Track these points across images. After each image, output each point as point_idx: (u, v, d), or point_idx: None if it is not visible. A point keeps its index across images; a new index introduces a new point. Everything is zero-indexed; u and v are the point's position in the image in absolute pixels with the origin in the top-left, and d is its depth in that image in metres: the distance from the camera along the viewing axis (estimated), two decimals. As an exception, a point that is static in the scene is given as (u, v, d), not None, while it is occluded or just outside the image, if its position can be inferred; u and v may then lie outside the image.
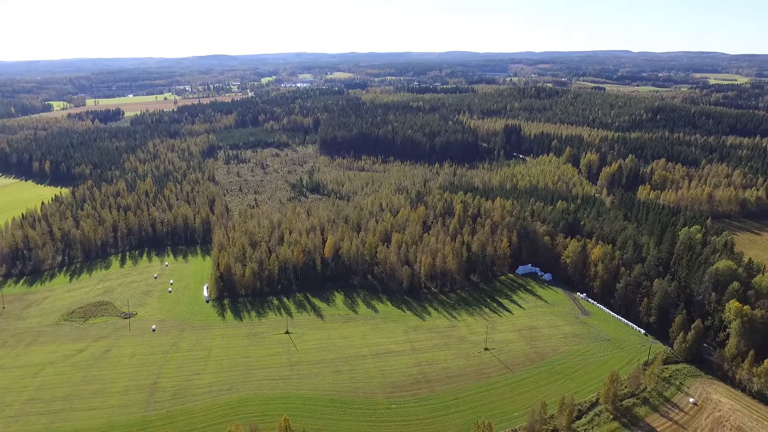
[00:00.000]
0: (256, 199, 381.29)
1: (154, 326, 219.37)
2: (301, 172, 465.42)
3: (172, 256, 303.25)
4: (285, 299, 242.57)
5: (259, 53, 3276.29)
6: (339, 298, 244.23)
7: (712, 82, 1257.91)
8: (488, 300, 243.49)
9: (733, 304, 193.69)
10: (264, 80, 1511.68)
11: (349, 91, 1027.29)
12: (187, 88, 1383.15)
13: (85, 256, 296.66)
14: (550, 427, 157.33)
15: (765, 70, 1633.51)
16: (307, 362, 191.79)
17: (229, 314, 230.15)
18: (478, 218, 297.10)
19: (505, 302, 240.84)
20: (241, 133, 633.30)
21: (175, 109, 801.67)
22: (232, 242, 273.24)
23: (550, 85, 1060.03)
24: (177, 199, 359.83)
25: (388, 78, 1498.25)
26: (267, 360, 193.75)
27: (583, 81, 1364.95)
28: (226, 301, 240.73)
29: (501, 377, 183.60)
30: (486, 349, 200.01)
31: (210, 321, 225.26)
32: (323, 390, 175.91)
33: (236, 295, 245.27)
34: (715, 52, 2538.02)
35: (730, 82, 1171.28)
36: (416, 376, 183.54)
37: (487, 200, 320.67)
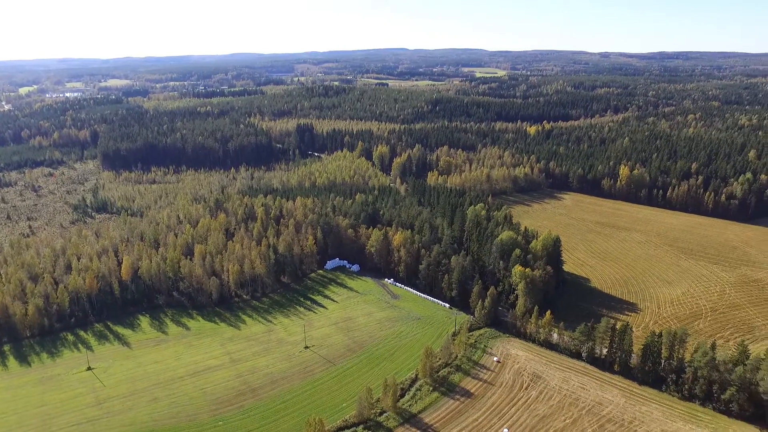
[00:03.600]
0: (30, 227, 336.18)
1: None
2: (83, 191, 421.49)
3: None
4: (82, 333, 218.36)
5: (14, 59, 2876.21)
6: (145, 321, 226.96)
7: (478, 75, 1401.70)
8: (302, 299, 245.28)
9: (517, 269, 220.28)
10: (23, 90, 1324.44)
11: (129, 99, 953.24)
12: None
13: None
14: (378, 410, 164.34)
15: (518, 64, 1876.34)
16: (118, 397, 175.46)
17: (12, 362, 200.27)
18: (282, 219, 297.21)
19: (319, 298, 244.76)
20: (0, 153, 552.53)
21: None
22: (6, 279, 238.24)
23: (336, 83, 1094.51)
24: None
25: (171, 83, 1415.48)
26: (68, 404, 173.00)
27: (368, 78, 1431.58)
28: (6, 348, 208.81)
29: (325, 372, 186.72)
30: (306, 347, 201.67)
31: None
32: (141, 423, 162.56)
33: (19, 338, 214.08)
34: (478, 49, 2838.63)
35: (492, 75, 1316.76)
36: (240, 387, 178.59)
37: (288, 200, 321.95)
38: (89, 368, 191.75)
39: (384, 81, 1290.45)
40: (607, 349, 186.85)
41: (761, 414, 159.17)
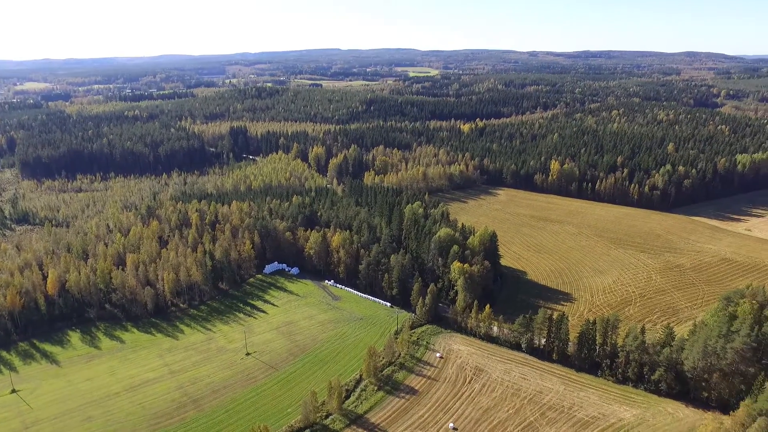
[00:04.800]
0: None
1: None
2: (1, 201, 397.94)
3: None
4: (4, 353, 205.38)
5: None
6: (75, 336, 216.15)
7: (411, 74, 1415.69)
8: (241, 305, 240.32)
9: (456, 265, 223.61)
10: None
11: (49, 103, 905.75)
12: None
13: None
14: (324, 413, 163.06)
15: (450, 63, 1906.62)
16: (47, 419, 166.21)
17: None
18: (217, 224, 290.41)
19: (259, 303, 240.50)
20: None
21: None
22: None
23: (269, 84, 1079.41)
24: None
25: (96, 87, 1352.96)
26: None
27: (301, 79, 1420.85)
28: None
29: (268, 378, 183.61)
30: (248, 354, 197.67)
31: None
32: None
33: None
34: (411, 49, 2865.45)
35: (426, 74, 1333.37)
36: (180, 399, 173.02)
37: (223, 205, 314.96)
38: (13, 391, 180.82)
39: (318, 82, 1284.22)
40: (545, 339, 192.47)
41: (686, 391, 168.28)
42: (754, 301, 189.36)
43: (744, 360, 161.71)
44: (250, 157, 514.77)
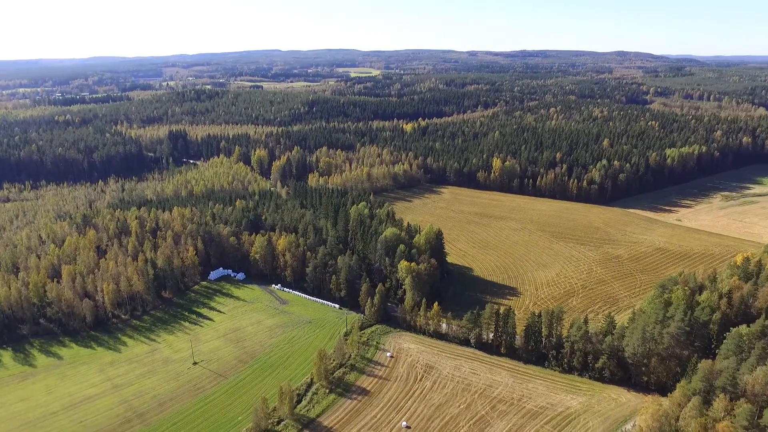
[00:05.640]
0: None
1: None
2: None
3: None
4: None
5: None
6: (7, 355, 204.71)
7: (353, 75, 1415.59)
8: (186, 313, 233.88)
9: (403, 264, 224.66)
10: None
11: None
12: None
13: None
14: (276, 419, 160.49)
15: (391, 64, 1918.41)
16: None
17: None
18: (158, 231, 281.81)
19: (204, 311, 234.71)
20: None
21: None
22: None
23: (209, 86, 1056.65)
24: None
25: (21, 90, 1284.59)
26: None
27: (241, 80, 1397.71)
28: None
29: (216, 387, 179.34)
30: (195, 363, 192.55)
31: None
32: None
33: None
34: (352, 49, 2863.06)
35: (367, 75, 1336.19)
36: (125, 414, 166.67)
37: (164, 211, 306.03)
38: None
39: (258, 83, 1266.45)
40: (493, 334, 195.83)
41: (628, 376, 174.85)
42: (686, 288, 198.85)
43: (679, 344, 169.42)
44: (191, 161, 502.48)
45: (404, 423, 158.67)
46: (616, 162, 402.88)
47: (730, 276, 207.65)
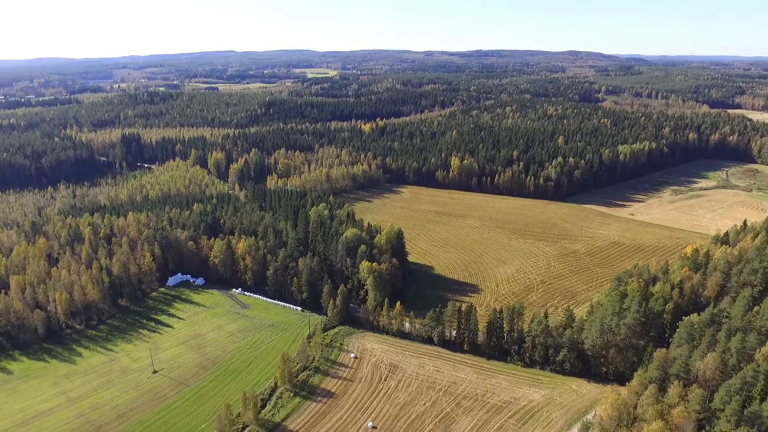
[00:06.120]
0: None
1: None
2: None
3: None
4: None
5: None
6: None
7: (309, 75, 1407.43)
8: (144, 321, 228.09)
9: (364, 265, 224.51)
10: None
11: None
12: None
13: None
14: (240, 426, 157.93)
15: (348, 64, 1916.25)
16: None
17: None
18: (113, 238, 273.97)
19: (163, 318, 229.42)
20: None
21: None
22: None
23: (162, 89, 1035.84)
24: None
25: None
26: None
27: (196, 82, 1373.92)
28: None
29: (178, 395, 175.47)
30: (155, 372, 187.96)
31: None
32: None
33: None
34: (308, 50, 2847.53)
35: (324, 75, 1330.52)
36: (81, 428, 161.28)
37: (119, 217, 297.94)
38: None
39: (214, 85, 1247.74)
40: (455, 331, 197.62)
41: (588, 368, 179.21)
42: (640, 280, 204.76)
43: (635, 334, 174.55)
44: (146, 165, 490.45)
45: (370, 423, 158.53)
46: (571, 159, 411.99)
47: (681, 267, 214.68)
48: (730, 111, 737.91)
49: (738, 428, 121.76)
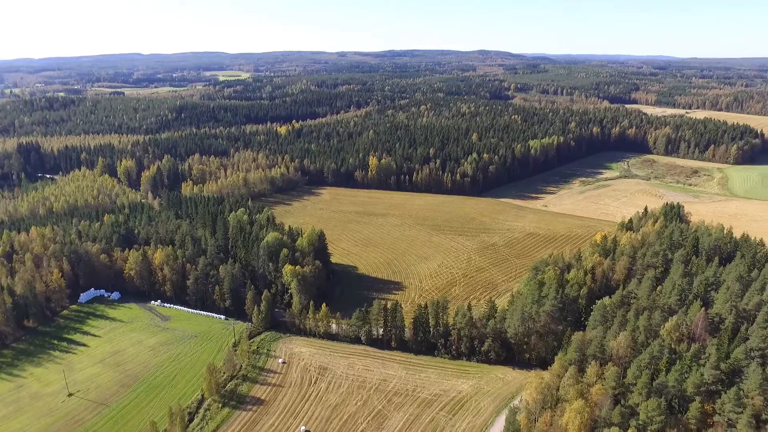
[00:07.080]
0: None
1: None
2: None
3: None
4: None
5: None
6: None
7: (221, 78, 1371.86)
8: (55, 341, 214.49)
9: (287, 268, 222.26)
10: None
11: None
12: None
13: None
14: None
15: (261, 66, 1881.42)
16: None
17: None
18: (15, 255, 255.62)
19: (77, 337, 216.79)
20: None
21: None
22: None
23: (62, 94, 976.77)
24: None
25: None
26: None
27: (99, 87, 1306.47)
28: None
29: (98, 417, 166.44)
30: (70, 394, 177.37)
31: None
32: None
33: None
34: (218, 52, 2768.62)
35: (236, 78, 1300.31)
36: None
37: (20, 232, 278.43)
38: None
39: (119, 89, 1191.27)
40: (382, 329, 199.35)
41: (512, 356, 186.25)
42: (556, 268, 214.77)
43: (554, 320, 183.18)
44: (48, 176, 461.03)
45: (303, 428, 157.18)
46: (485, 155, 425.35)
47: (592, 254, 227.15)
48: (627, 106, 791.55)
49: (648, 399, 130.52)
